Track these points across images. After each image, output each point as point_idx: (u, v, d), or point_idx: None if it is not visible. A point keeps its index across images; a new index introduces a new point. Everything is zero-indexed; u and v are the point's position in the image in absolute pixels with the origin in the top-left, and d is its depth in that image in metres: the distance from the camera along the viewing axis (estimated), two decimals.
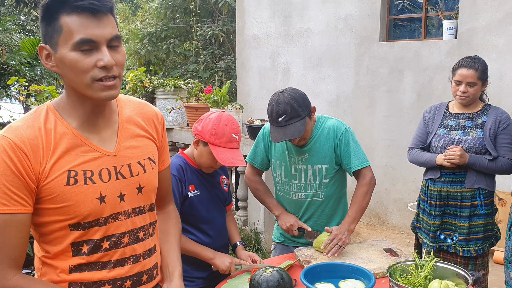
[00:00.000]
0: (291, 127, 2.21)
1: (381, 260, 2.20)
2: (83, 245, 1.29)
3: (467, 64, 2.75)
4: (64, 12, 1.17)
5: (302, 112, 2.23)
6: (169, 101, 5.21)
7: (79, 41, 1.17)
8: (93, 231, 1.29)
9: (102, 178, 1.29)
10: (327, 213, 2.49)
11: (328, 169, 2.40)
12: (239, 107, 4.76)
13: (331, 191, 2.46)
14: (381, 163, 5.34)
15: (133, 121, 1.41)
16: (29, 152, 1.20)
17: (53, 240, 1.29)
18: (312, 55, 5.99)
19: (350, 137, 2.39)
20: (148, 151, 1.43)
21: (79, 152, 1.26)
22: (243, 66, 6.91)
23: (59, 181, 1.23)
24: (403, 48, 5.18)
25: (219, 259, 2.14)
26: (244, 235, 4.73)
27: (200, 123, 2.19)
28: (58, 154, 1.23)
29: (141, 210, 1.39)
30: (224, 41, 9.70)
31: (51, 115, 1.27)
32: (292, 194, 2.48)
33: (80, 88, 1.22)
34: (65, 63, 1.19)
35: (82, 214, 1.26)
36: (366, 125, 5.49)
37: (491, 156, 2.69)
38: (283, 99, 2.23)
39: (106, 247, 1.31)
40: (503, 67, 4.47)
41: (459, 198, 2.78)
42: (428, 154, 2.84)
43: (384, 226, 5.42)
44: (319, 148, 2.39)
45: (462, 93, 2.74)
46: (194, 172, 2.24)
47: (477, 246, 2.78)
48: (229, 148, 2.14)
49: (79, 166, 1.26)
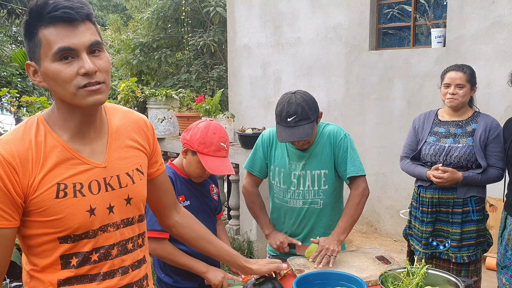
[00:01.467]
0: (299, 129, 2.21)
1: (373, 268, 2.19)
2: (72, 258, 1.27)
3: (455, 68, 2.80)
4: (42, 25, 1.17)
5: (312, 116, 2.23)
6: (160, 111, 5.21)
7: (57, 51, 1.16)
8: (82, 244, 1.28)
9: (92, 191, 1.28)
10: (325, 222, 2.46)
11: (328, 174, 2.39)
12: (231, 116, 4.77)
13: (330, 198, 2.43)
14: (372, 171, 5.36)
15: (123, 131, 1.40)
16: (18, 166, 1.18)
17: (41, 253, 1.27)
18: (302, 64, 6.03)
19: (348, 144, 2.38)
20: (136, 162, 1.42)
21: (68, 165, 1.25)
22: (234, 75, 6.94)
23: (48, 194, 1.21)
24: (393, 56, 5.23)
25: (212, 273, 2.11)
26: (236, 245, 4.71)
27: (189, 132, 2.18)
28: (48, 167, 1.22)
29: (129, 222, 1.38)
30: (215, 51, 9.74)
31: (42, 127, 1.25)
32: (290, 201, 2.45)
33: (67, 98, 1.21)
34: (49, 76, 1.19)
35: (72, 227, 1.24)
36: (357, 132, 5.51)
37: (480, 167, 2.71)
38: (294, 100, 2.23)
39: (95, 259, 1.30)
40: (491, 74, 4.53)
41: (451, 205, 2.79)
42: (418, 169, 2.85)
43: (376, 234, 5.42)
44: (319, 153, 2.38)
45: (451, 95, 2.76)
46: (184, 182, 2.23)
47: (469, 252, 2.78)
48: (218, 156, 2.14)
49: (69, 178, 1.24)
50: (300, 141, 2.30)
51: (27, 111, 4.80)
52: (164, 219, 1.67)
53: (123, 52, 10.39)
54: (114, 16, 15.82)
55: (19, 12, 11.43)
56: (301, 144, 2.32)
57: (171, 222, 1.67)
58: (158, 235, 2.08)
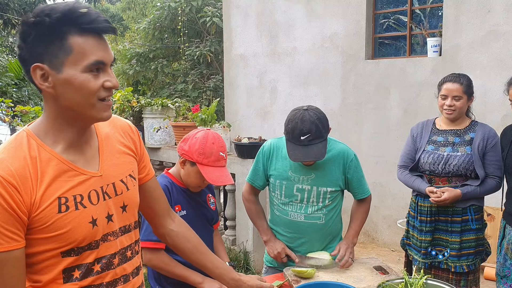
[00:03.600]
0: (313, 148, 2.15)
1: (371, 278, 2.16)
2: (75, 271, 1.25)
3: (452, 79, 2.78)
4: (74, 32, 1.15)
5: (325, 134, 2.19)
6: (156, 121, 5.17)
7: (94, 63, 1.16)
8: (85, 255, 1.26)
9: (92, 201, 1.26)
10: (324, 238, 2.43)
11: (334, 192, 2.36)
12: (227, 126, 4.75)
13: (331, 215, 2.40)
14: (369, 180, 5.23)
15: (111, 137, 1.39)
16: (19, 185, 1.15)
17: (42, 269, 1.23)
18: (298, 73, 6.02)
19: (358, 164, 2.41)
20: (129, 168, 1.41)
21: (66, 177, 1.22)
22: (230, 85, 6.93)
23: (51, 209, 1.18)
24: (389, 65, 5.24)
25: (208, 284, 2.07)
26: (232, 255, 4.67)
27: (187, 142, 2.15)
28: (47, 182, 1.19)
29: (127, 229, 1.37)
30: (212, 60, 9.75)
31: (33, 142, 1.21)
32: (290, 214, 2.39)
33: (83, 108, 1.20)
34: (72, 84, 1.16)
35: (77, 240, 1.22)
36: (354, 142, 5.49)
37: (478, 179, 2.70)
38: (308, 117, 2.16)
39: (98, 270, 1.28)
40: (487, 83, 4.53)
41: (450, 214, 2.77)
42: (417, 182, 2.83)
43: (374, 244, 5.38)
44: (328, 170, 2.33)
45: (448, 107, 2.75)
46: (180, 191, 2.20)
47: (469, 261, 2.76)
48: (217, 166, 2.11)
49: (69, 191, 1.22)
50: (311, 162, 2.28)
51: (21, 121, 4.76)
52: (158, 228, 1.64)
53: (120, 62, 10.38)
54: None
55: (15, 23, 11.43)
56: (311, 163, 2.31)
57: (165, 231, 1.64)
58: (154, 245, 2.05)
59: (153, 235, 2.05)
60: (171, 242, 1.66)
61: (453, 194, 2.67)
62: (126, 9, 15.19)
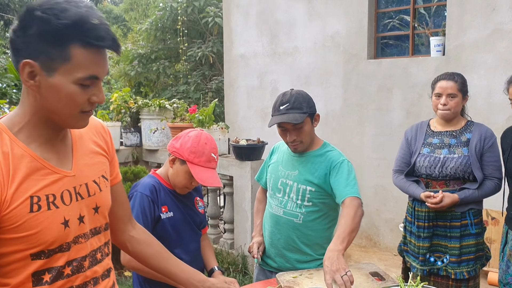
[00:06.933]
0: (289, 115, 2.19)
1: (366, 285, 2.07)
2: (45, 274, 1.19)
3: (446, 77, 2.71)
4: (78, 43, 1.10)
5: (305, 107, 2.22)
6: (154, 122, 5.10)
7: (87, 77, 1.13)
8: (56, 258, 1.21)
9: (64, 201, 1.21)
10: (304, 241, 2.34)
11: (313, 193, 2.28)
12: (225, 127, 4.66)
13: (311, 218, 2.31)
14: (371, 183, 5.23)
15: (85, 136, 1.35)
16: None
17: (10, 272, 1.17)
18: (299, 73, 5.93)
19: (346, 168, 2.22)
20: (102, 168, 1.37)
21: (39, 175, 1.17)
22: (230, 85, 6.85)
23: (22, 208, 1.13)
24: (391, 65, 5.13)
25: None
26: (230, 259, 4.58)
27: (178, 140, 2.11)
28: (19, 179, 1.13)
29: (97, 231, 1.34)
30: (214, 62, 9.67)
31: (5, 136, 1.15)
32: (273, 207, 2.41)
33: (62, 115, 1.17)
34: (58, 92, 1.12)
35: (47, 242, 1.17)
36: (356, 143, 5.39)
37: (476, 182, 2.60)
38: (289, 92, 2.27)
39: (68, 273, 1.24)
40: (492, 83, 4.40)
41: (448, 218, 2.67)
42: (412, 188, 2.74)
43: (376, 248, 5.26)
44: (312, 169, 2.29)
45: (443, 106, 2.66)
46: (168, 193, 2.15)
47: (469, 267, 2.66)
48: (208, 167, 2.07)
49: (41, 190, 1.16)
50: (292, 136, 2.23)
51: None
52: (119, 234, 1.57)
53: (122, 64, 10.35)
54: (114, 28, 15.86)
55: None
56: (292, 139, 2.25)
57: (126, 237, 1.58)
58: None
59: None
60: (132, 249, 1.59)
61: (451, 200, 2.58)
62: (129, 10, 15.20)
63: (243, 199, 4.47)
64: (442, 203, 2.57)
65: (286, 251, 2.37)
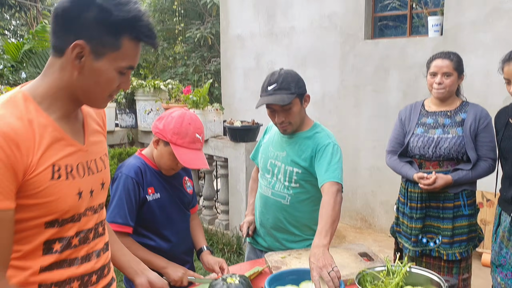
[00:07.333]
0: (277, 95, 2.14)
1: (354, 265, 2.05)
2: (55, 243, 1.24)
3: (442, 56, 2.66)
4: (130, 36, 1.19)
5: (293, 88, 2.15)
6: (149, 103, 5.06)
7: (127, 67, 1.23)
8: (67, 228, 1.26)
9: (79, 173, 1.27)
10: (291, 222, 2.33)
11: (300, 175, 2.24)
12: (220, 108, 4.62)
13: (299, 199, 2.28)
14: (367, 165, 5.20)
15: (91, 114, 1.41)
16: (20, 143, 1.12)
17: (23, 239, 1.20)
18: (296, 54, 5.86)
19: (330, 151, 2.16)
20: (104, 147, 1.44)
21: (60, 146, 1.22)
22: (227, 66, 6.78)
23: (45, 175, 1.17)
24: (389, 46, 5.05)
25: (171, 268, 1.99)
26: (226, 240, 4.59)
27: (161, 121, 2.05)
28: (44, 147, 1.17)
29: (101, 206, 1.41)
30: (213, 43, 9.57)
31: (30, 105, 1.18)
32: (262, 187, 2.39)
33: (91, 97, 1.25)
34: (100, 75, 1.20)
35: (63, 210, 1.22)
36: (352, 126, 5.35)
37: (469, 163, 2.57)
38: (278, 72, 2.20)
39: (76, 243, 1.29)
40: (490, 63, 4.33)
41: (441, 199, 2.65)
42: (405, 168, 2.72)
43: (371, 229, 5.26)
44: (298, 151, 2.25)
45: (438, 84, 2.62)
46: (154, 174, 2.10)
47: (461, 248, 2.65)
48: (192, 149, 2.00)
49: (61, 160, 1.22)
50: (281, 117, 2.19)
51: None
52: None
53: None
54: None
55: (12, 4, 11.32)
56: (281, 120, 2.20)
57: None
58: (119, 228, 1.97)
59: (119, 217, 1.97)
60: None
61: (444, 181, 2.55)
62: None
63: (237, 181, 4.46)
64: (435, 184, 2.55)
65: (274, 231, 2.36)
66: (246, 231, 2.44)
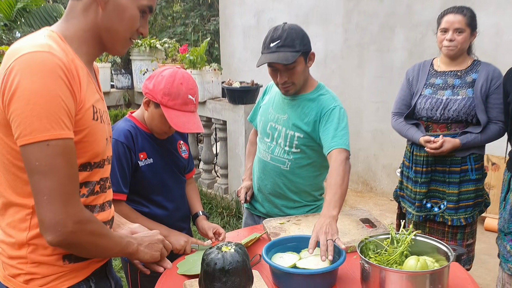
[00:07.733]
0: (280, 53, 1.98)
1: (356, 232, 1.98)
2: (82, 187, 1.23)
3: (454, 10, 2.49)
4: None
5: (297, 45, 1.99)
6: (145, 63, 4.90)
7: (148, 5, 1.24)
8: (95, 172, 1.26)
9: (105, 120, 1.29)
10: (291, 188, 2.23)
11: (302, 139, 2.13)
12: (218, 68, 4.46)
13: (299, 165, 2.18)
14: (370, 127, 5.08)
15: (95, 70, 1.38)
16: (72, 77, 1.11)
17: None
18: (298, 11, 5.63)
19: (337, 116, 2.05)
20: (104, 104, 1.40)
21: (92, 89, 1.22)
22: (226, 25, 6.55)
23: (89, 114, 1.18)
24: (394, 2, 4.83)
25: (173, 237, 1.90)
26: (225, 204, 4.54)
27: (151, 80, 1.88)
28: (84, 86, 1.17)
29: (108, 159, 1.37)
30: (213, 1, 9.27)
31: (67, 45, 1.17)
32: (261, 152, 2.28)
33: (115, 37, 1.24)
34: (123, 11, 1.21)
35: (96, 153, 1.23)
36: (355, 87, 5.19)
37: (479, 125, 2.44)
38: (282, 27, 2.04)
39: (97, 190, 1.29)
40: (501, 21, 4.14)
41: (448, 163, 2.55)
42: (411, 131, 2.61)
43: (372, 193, 5.20)
44: (301, 114, 2.12)
45: (449, 41, 2.46)
46: (146, 137, 1.96)
47: (467, 214, 2.57)
48: (185, 111, 1.84)
49: (96, 103, 1.22)
50: (283, 77, 2.04)
51: None
52: None
53: None
54: None
55: None
56: (283, 80, 2.05)
57: None
58: (114, 196, 1.84)
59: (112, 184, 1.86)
60: None
61: (451, 145, 2.43)
62: None
63: (236, 144, 4.35)
64: (442, 148, 2.44)
65: (273, 197, 2.27)
66: (243, 197, 2.34)
